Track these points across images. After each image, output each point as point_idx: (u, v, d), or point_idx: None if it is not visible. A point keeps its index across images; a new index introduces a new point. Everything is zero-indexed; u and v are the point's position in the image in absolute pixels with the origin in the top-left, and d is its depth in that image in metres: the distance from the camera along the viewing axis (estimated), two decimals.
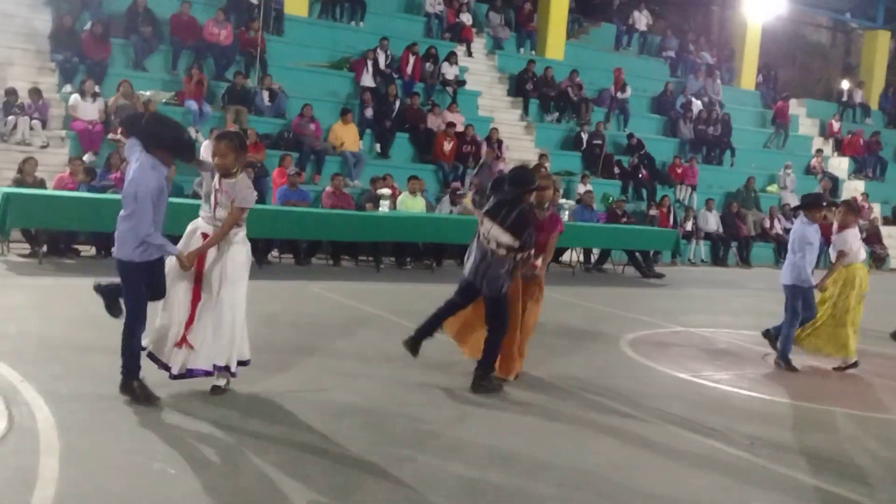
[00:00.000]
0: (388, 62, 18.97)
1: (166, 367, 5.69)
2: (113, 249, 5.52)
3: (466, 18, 21.48)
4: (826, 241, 9.70)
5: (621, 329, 9.77)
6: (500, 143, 18.41)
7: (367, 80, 18.40)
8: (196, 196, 12.62)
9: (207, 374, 5.74)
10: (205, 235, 5.69)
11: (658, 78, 23.81)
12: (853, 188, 23.99)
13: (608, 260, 16.25)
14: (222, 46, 17.22)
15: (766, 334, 8.89)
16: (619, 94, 21.47)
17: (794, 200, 21.70)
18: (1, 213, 10.72)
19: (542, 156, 18.83)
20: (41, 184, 12.22)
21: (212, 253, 5.68)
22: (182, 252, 5.55)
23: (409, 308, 10.02)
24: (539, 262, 6.60)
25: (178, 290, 5.68)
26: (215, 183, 5.68)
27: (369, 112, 17.72)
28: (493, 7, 22.40)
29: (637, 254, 15.87)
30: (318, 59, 18.97)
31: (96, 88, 14.74)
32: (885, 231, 22.50)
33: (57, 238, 11.80)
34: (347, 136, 16.91)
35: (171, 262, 5.62)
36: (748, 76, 25.73)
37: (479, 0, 22.58)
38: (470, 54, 21.06)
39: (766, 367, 8.42)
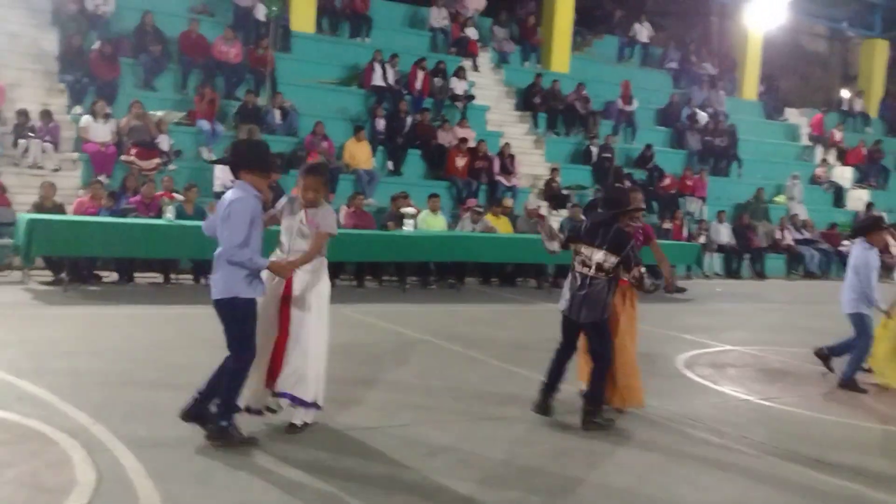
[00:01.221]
0: (396, 78, 18.76)
1: (262, 412, 5.48)
2: (213, 293, 5.18)
3: (472, 33, 21.30)
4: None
5: (669, 349, 9.55)
6: (511, 157, 18.22)
7: (378, 79, 18.20)
8: None
9: (292, 400, 5.49)
10: None
11: (661, 90, 23.73)
12: (857, 197, 24.01)
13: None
14: (232, 64, 16.95)
15: (821, 353, 8.72)
16: (626, 107, 21.35)
17: (801, 211, 21.72)
18: (25, 240, 10.41)
19: (553, 170, 18.70)
20: (60, 209, 11.89)
21: (298, 288, 5.43)
22: (271, 265, 5.28)
23: (452, 331, 9.84)
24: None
25: (263, 333, 5.42)
26: (301, 216, 5.47)
27: (381, 124, 17.49)
28: (498, 21, 22.26)
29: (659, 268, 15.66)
30: (326, 76, 18.75)
31: (107, 109, 14.41)
32: (891, 241, 22.44)
33: (78, 264, 11.45)
34: (361, 154, 16.66)
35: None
36: (750, 86, 25.72)
37: (483, 14, 22.41)
38: (476, 69, 20.88)
39: (830, 386, 8.22)
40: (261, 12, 18.06)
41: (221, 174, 14.27)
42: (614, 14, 25.40)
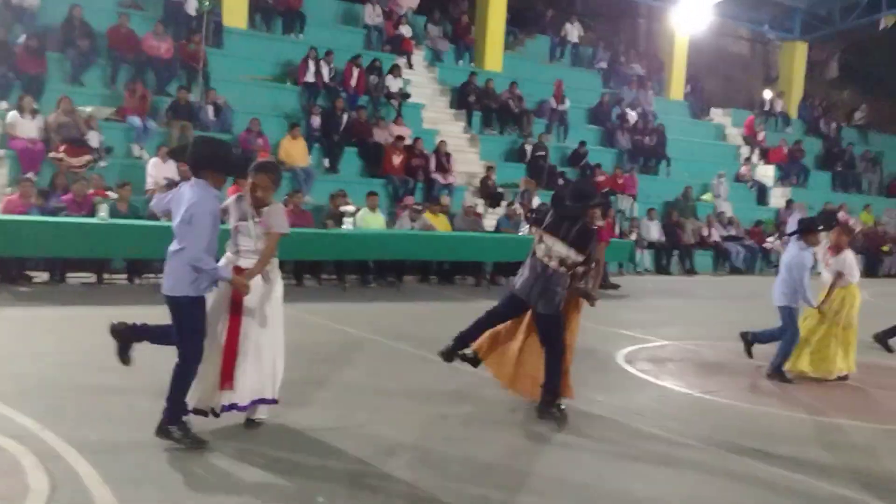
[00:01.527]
0: (331, 75, 18.66)
1: (208, 413, 5.39)
2: (164, 288, 5.15)
3: (406, 31, 21.30)
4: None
5: (609, 345, 9.71)
6: (447, 155, 18.30)
7: (311, 76, 18.10)
8: (153, 217, 12.12)
9: (244, 409, 5.50)
10: (238, 269, 5.40)
11: (591, 89, 24.09)
12: (780, 195, 24.78)
13: None
14: (163, 60, 16.63)
15: (745, 337, 9.04)
16: (558, 106, 21.64)
17: (727, 208, 22.31)
18: None
19: (489, 168, 18.84)
20: None
21: (252, 293, 5.40)
22: (233, 280, 5.26)
23: (398, 330, 9.86)
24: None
25: (212, 334, 5.37)
26: (251, 215, 5.42)
27: (317, 121, 17.38)
28: (432, 19, 22.31)
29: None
30: (259, 72, 18.56)
31: (34, 105, 13.99)
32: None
33: (7, 264, 11.11)
34: (296, 151, 16.53)
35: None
36: (677, 87, 26.29)
37: (417, 12, 22.43)
38: (410, 67, 20.89)
39: (762, 378, 8.47)
40: (192, 7, 17.76)
41: (154, 171, 14.02)
42: (545, 14, 25.68)
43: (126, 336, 5.41)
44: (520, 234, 14.99)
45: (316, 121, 17.39)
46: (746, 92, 30.45)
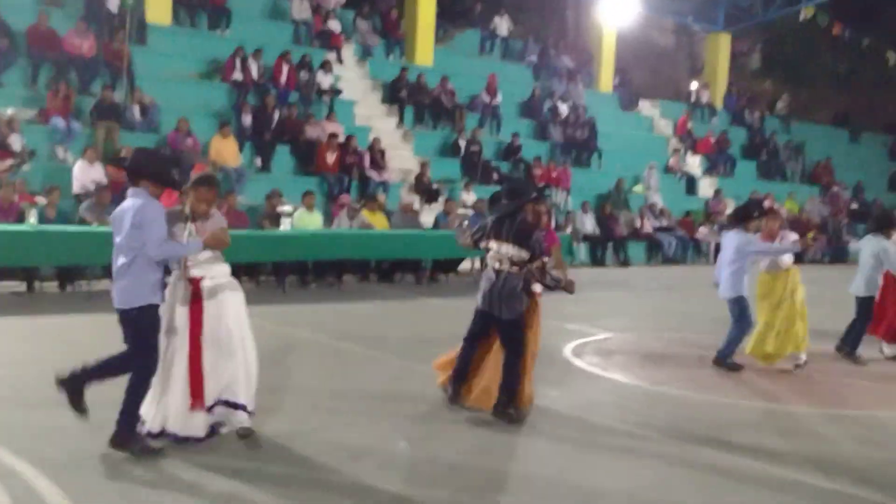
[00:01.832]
0: (261, 72, 18.32)
1: (186, 439, 5.22)
2: (117, 303, 5.01)
3: (335, 25, 21.05)
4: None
5: (555, 339, 9.68)
6: (382, 152, 18.15)
7: (238, 74, 17.78)
8: (83, 222, 11.72)
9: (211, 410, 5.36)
10: (194, 280, 5.24)
11: (522, 83, 24.17)
12: (708, 185, 25.27)
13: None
14: (85, 59, 16.09)
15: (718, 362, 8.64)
16: (491, 100, 21.66)
17: (658, 200, 22.64)
18: None
19: (423, 164, 18.74)
20: None
21: (210, 306, 5.28)
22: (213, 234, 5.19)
23: (343, 330, 9.73)
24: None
25: (171, 354, 5.20)
26: (190, 228, 5.27)
27: (248, 120, 17.05)
28: (361, 14, 22.08)
29: None
30: (186, 69, 18.12)
31: None
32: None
33: None
34: (227, 150, 16.18)
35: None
36: (606, 79, 26.55)
37: (345, 7, 22.18)
38: (340, 62, 20.65)
39: (709, 368, 8.55)
40: (114, 3, 17.22)
41: (81, 175, 13.58)
42: (474, 8, 25.67)
43: (74, 384, 5.09)
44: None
45: (247, 119, 17.06)
46: (673, 83, 30.98)
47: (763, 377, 8.33)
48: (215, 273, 5.35)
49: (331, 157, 17.25)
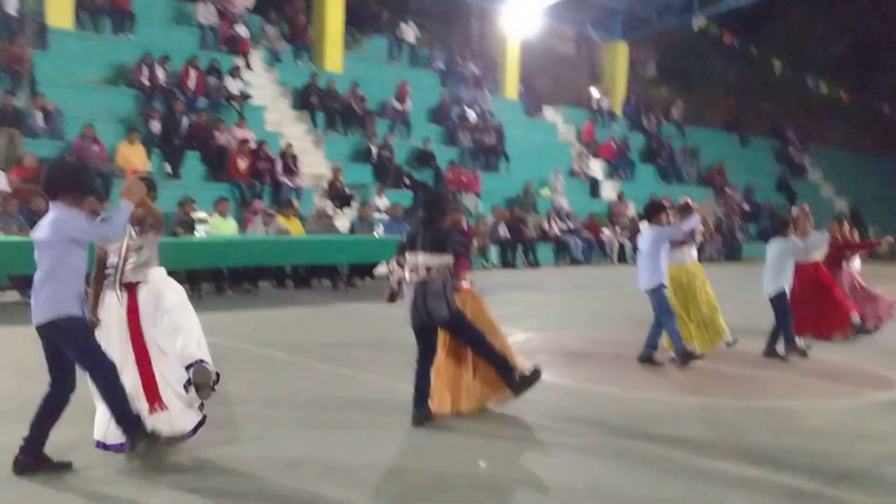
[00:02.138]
0: (168, 78, 18.03)
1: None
2: (39, 319, 4.87)
3: (242, 31, 20.87)
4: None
5: None
6: (294, 158, 18.10)
7: (145, 79, 17.49)
8: None
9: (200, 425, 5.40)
10: (130, 285, 5.28)
11: (430, 89, 24.46)
12: (610, 188, 26.04)
13: None
14: None
15: (643, 358, 8.96)
16: (400, 106, 21.83)
17: (564, 203, 23.22)
18: None
19: (336, 169, 18.77)
20: None
21: (145, 307, 5.28)
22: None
23: (265, 337, 9.73)
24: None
25: (116, 356, 5.16)
26: (130, 231, 5.29)
27: (156, 126, 16.76)
28: (268, 19, 21.95)
29: None
30: (90, 74, 17.72)
31: None
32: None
33: None
34: (135, 157, 15.91)
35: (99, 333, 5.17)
36: (511, 86, 27.08)
37: (252, 12, 22.00)
38: (249, 68, 20.50)
39: (631, 364, 8.89)
40: (12, 6, 16.72)
41: None
42: (381, 15, 25.80)
43: (34, 464, 4.92)
44: (375, 234, 15.07)
45: (156, 126, 16.77)
46: (575, 90, 31.74)
47: (681, 373, 8.68)
48: (151, 278, 5.33)
49: (242, 164, 17.13)
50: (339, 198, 18.19)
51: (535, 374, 6.53)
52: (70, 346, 4.88)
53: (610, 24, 29.86)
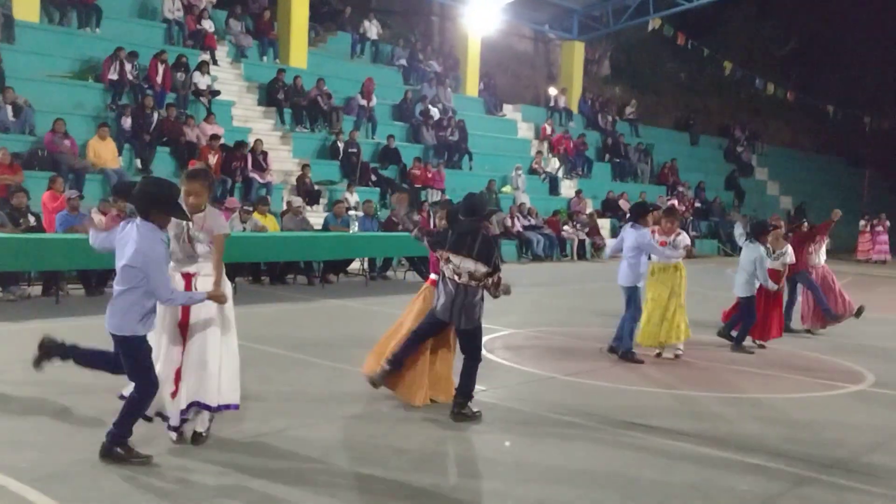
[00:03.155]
0: (135, 73, 17.98)
1: (152, 419, 5.45)
2: (109, 326, 5.08)
3: (208, 26, 20.85)
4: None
5: None
6: (264, 154, 18.20)
7: (114, 73, 17.44)
8: None
9: (198, 406, 5.54)
10: (185, 275, 5.49)
11: (392, 86, 24.68)
12: (569, 185, 26.56)
13: (390, 267, 16.74)
14: None
15: (613, 349, 9.46)
16: (366, 103, 22.02)
17: (526, 200, 23.65)
18: None
19: (304, 166, 18.91)
20: None
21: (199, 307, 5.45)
22: (211, 291, 5.34)
23: (257, 334, 9.86)
24: None
25: (164, 342, 5.38)
26: (187, 225, 5.45)
27: (127, 122, 16.72)
28: (233, 14, 21.95)
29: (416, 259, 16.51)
30: (57, 69, 17.57)
31: None
32: (600, 223, 25.17)
33: None
34: (106, 152, 15.89)
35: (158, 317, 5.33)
36: (472, 84, 27.42)
37: (217, 7, 21.98)
38: (215, 63, 20.49)
39: (613, 360, 9.30)
40: None
41: None
42: (344, 11, 25.92)
43: (52, 352, 5.34)
44: (351, 231, 15.30)
45: (127, 122, 16.73)
46: (533, 89, 32.22)
47: (655, 368, 9.13)
48: (208, 270, 5.52)
49: (212, 159, 17.16)
50: (308, 194, 18.35)
51: (476, 417, 6.66)
52: (128, 358, 5.12)
53: (567, 23, 30.38)
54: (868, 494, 5.34)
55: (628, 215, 9.88)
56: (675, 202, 21.96)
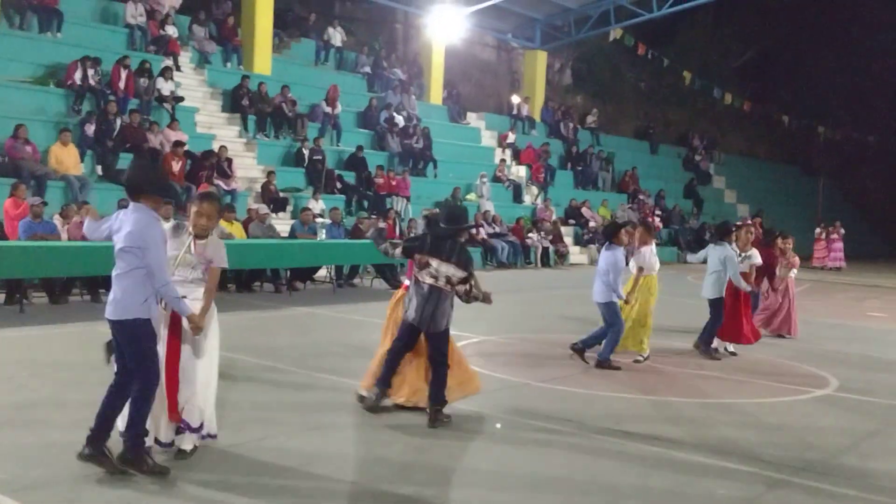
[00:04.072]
0: (98, 78, 17.76)
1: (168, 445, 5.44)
2: (109, 313, 5.03)
3: (172, 31, 20.67)
4: None
5: None
6: (229, 161, 18.08)
7: (78, 81, 17.24)
8: None
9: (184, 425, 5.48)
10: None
11: (357, 93, 24.67)
12: (533, 193, 26.73)
13: (357, 274, 16.72)
14: None
15: (576, 348, 9.56)
16: (331, 110, 21.99)
17: (490, 207, 23.75)
18: None
19: (269, 173, 18.82)
20: None
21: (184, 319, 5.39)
22: (194, 314, 5.29)
23: (228, 342, 9.75)
24: None
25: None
26: (189, 244, 5.42)
27: (91, 129, 16.52)
28: (197, 20, 21.78)
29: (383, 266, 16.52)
30: (18, 74, 17.29)
31: None
32: (563, 230, 25.36)
33: None
34: (68, 158, 15.68)
35: None
36: (436, 92, 27.48)
37: (180, 12, 21.80)
38: (178, 68, 20.32)
39: (587, 367, 9.37)
40: None
41: None
42: (308, 17, 25.86)
43: (97, 449, 5.11)
44: (318, 239, 15.27)
45: (90, 128, 16.52)
46: (496, 97, 32.40)
47: (626, 374, 9.21)
48: (198, 295, 5.47)
49: (176, 166, 17.02)
50: (273, 201, 18.26)
51: (449, 420, 6.73)
52: (128, 346, 5.05)
53: (530, 32, 30.59)
54: (842, 497, 5.47)
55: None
56: (654, 218, 22.35)
